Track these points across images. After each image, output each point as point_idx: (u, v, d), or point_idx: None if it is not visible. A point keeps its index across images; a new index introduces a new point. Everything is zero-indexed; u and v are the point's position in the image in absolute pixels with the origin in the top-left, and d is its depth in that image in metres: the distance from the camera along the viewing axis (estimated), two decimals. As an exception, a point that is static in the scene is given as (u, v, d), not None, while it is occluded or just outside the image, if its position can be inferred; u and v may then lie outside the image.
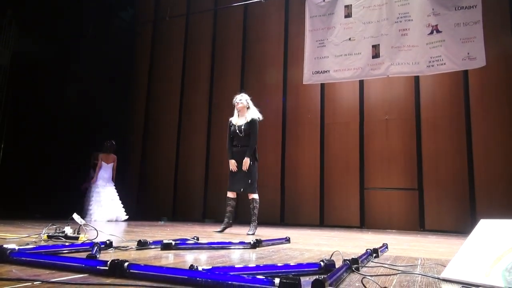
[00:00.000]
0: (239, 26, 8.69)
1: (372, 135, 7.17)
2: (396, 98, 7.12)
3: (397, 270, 1.85)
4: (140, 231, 4.43)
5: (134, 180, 9.00)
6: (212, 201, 8.23)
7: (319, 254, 2.51)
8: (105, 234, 2.96)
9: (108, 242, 2.32)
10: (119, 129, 9.01)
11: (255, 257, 2.33)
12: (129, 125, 9.38)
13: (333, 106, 7.59)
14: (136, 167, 9.08)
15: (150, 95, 9.38)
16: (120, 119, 9.23)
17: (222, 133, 8.42)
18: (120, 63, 9.41)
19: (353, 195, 7.07)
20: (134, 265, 1.49)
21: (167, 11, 9.11)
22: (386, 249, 2.83)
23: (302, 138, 7.71)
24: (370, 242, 3.68)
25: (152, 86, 9.41)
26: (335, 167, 7.33)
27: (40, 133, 7.58)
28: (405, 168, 6.83)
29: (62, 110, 8.04)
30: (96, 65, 8.67)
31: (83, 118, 8.22)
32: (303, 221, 7.32)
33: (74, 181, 7.89)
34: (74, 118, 8.20)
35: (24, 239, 2.73)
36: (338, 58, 6.89)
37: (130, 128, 9.36)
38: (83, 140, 8.12)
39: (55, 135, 7.84)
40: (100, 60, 8.75)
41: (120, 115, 9.25)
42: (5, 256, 1.69)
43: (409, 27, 6.54)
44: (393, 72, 6.52)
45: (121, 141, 9.17)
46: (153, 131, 9.20)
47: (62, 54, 8.12)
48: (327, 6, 7.23)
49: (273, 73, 8.16)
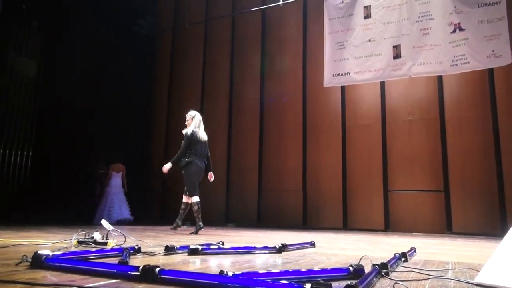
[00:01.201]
0: (257, 30, 8.72)
1: (395, 136, 7.07)
2: (419, 98, 7.00)
3: (428, 275, 1.81)
4: (165, 236, 4.48)
5: (157, 186, 9.12)
6: (234, 205, 8.27)
7: (345, 259, 2.49)
8: (132, 239, 3.01)
9: (137, 248, 2.36)
10: (140, 135, 9.19)
11: (281, 262, 2.33)
12: (150, 131, 9.53)
13: (354, 108, 7.52)
14: (158, 173, 9.18)
15: (171, 102, 9.51)
16: (141, 125, 9.41)
17: (243, 137, 8.48)
18: (141, 70, 9.62)
19: (376, 197, 6.97)
20: (165, 270, 1.51)
21: (186, 18, 9.22)
22: (414, 253, 2.78)
23: (323, 141, 7.67)
24: (396, 246, 3.62)
25: (172, 93, 9.54)
26: (357, 170, 7.25)
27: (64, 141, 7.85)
28: (430, 170, 6.69)
29: (85, 118, 8.28)
30: (117, 74, 8.89)
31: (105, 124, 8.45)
32: (326, 225, 7.26)
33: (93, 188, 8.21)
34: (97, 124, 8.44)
35: (56, 245, 2.80)
36: (358, 59, 6.83)
37: (151, 134, 9.51)
38: (105, 147, 8.37)
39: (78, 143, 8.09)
40: (121, 68, 8.97)
41: (141, 121, 9.43)
42: (40, 262, 1.75)
43: (430, 26, 6.42)
44: (415, 73, 6.41)
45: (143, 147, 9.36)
46: (174, 137, 9.30)
47: (84, 64, 8.34)
48: (346, 8, 7.17)
49: (292, 76, 8.16)
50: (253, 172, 8.19)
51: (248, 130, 8.41)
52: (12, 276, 1.53)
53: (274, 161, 8.05)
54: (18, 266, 1.76)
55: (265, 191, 8.06)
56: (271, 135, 8.21)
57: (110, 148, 8.33)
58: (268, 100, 8.37)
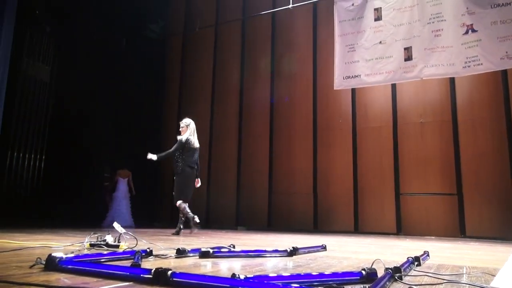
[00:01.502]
0: (267, 34, 8.74)
1: (407, 139, 7.00)
2: (431, 100, 6.93)
3: (442, 279, 1.78)
4: (176, 239, 4.50)
5: (168, 189, 9.15)
6: (245, 208, 8.27)
7: (357, 262, 2.47)
8: (144, 242, 3.02)
9: (149, 250, 2.37)
10: (151, 138, 9.25)
11: (292, 265, 2.32)
12: (161, 134, 9.58)
13: (365, 110, 7.47)
14: (169, 176, 9.23)
15: (181, 105, 9.56)
16: (152, 128, 9.48)
17: (253, 140, 8.49)
18: (151, 74, 9.71)
19: (388, 200, 6.91)
20: (177, 273, 1.51)
21: (196, 22, 9.28)
22: (427, 257, 2.75)
23: (334, 143, 7.63)
24: (409, 250, 3.58)
25: (183, 96, 9.59)
26: (368, 173, 7.20)
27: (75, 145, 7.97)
28: (443, 173, 6.61)
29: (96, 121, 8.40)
30: (128, 78, 8.99)
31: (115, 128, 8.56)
32: (337, 228, 7.22)
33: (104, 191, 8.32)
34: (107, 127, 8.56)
35: (68, 247, 2.83)
36: (369, 62, 6.79)
37: (162, 138, 9.56)
38: (115, 151, 8.48)
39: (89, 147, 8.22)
40: (132, 72, 9.07)
41: (152, 124, 9.51)
42: (54, 264, 1.76)
43: (442, 28, 6.37)
44: (427, 75, 6.35)
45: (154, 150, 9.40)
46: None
47: (96, 69, 8.45)
48: (356, 10, 7.15)
49: (303, 79, 8.15)
50: (264, 175, 8.19)
51: (259, 133, 8.41)
52: (27, 278, 1.55)
53: (285, 164, 8.04)
54: (32, 269, 1.78)
55: (275, 194, 8.05)
56: (281, 138, 8.20)
57: (120, 152, 8.41)
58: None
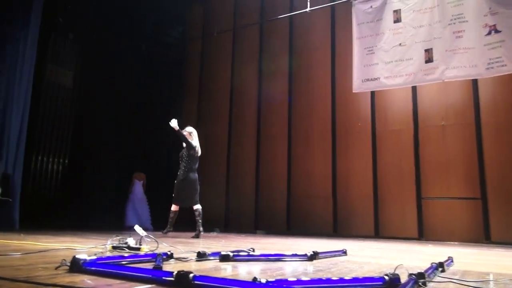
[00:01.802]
0: (285, 37, 8.74)
1: (428, 142, 6.87)
2: (453, 102, 6.79)
3: (468, 286, 1.74)
4: (196, 242, 4.53)
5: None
6: (263, 212, 8.26)
7: (379, 268, 2.43)
8: (165, 245, 3.05)
9: (169, 253, 2.39)
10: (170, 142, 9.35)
11: (313, 269, 2.30)
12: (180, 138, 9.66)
13: (385, 113, 7.38)
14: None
15: (200, 109, 9.64)
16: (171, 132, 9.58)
17: (271, 143, 8.48)
18: (171, 78, 9.86)
19: (409, 205, 6.79)
20: (199, 276, 1.52)
21: (214, 27, 9.36)
22: (451, 262, 2.69)
23: (353, 147, 7.55)
24: (432, 255, 3.51)
25: (202, 100, 9.66)
26: (389, 176, 7.09)
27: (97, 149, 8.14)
28: (466, 177, 6.45)
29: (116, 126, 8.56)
30: (148, 83, 9.15)
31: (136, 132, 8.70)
32: (356, 232, 7.13)
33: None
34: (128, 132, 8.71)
35: (91, 249, 2.88)
36: (388, 64, 6.71)
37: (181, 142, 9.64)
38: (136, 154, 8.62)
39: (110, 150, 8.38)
40: (151, 77, 9.23)
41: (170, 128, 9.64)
42: (79, 266, 1.80)
43: (464, 29, 6.23)
44: (449, 77, 6.22)
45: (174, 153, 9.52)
46: (204, 143, 9.40)
47: (116, 74, 8.63)
48: (375, 12, 7.08)
49: (321, 82, 8.11)
50: (282, 179, 8.16)
51: (277, 136, 8.40)
52: (53, 279, 1.58)
53: (303, 167, 7.99)
54: (57, 270, 1.82)
55: (294, 198, 8.01)
56: (299, 141, 8.16)
57: (140, 155, 8.56)
58: (297, 104, 8.34)
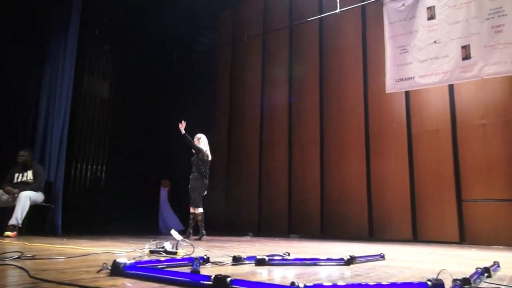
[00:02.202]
0: (315, 40, 8.68)
1: (467, 142, 6.61)
2: (493, 100, 6.49)
3: (518, 292, 1.65)
4: (231, 246, 4.55)
5: (220, 197, 9.31)
6: (297, 216, 8.20)
7: (420, 273, 2.35)
8: (200, 250, 3.09)
9: (206, 257, 2.41)
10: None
11: (350, 274, 2.25)
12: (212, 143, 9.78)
13: (420, 114, 7.16)
14: (221, 184, 9.39)
15: (232, 114, 9.73)
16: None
17: (303, 147, 8.42)
18: (203, 84, 10.02)
19: (449, 208, 6.53)
20: (237, 280, 1.52)
21: (244, 32, 9.44)
22: (498, 267, 2.55)
23: (388, 149, 7.37)
24: (476, 260, 3.36)
25: (233, 106, 9.74)
26: (426, 179, 6.86)
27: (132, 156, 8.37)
28: (510, 177, 6.14)
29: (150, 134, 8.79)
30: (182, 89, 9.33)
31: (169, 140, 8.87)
32: (393, 236, 6.93)
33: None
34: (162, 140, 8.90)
35: (130, 253, 2.95)
36: (423, 63, 6.52)
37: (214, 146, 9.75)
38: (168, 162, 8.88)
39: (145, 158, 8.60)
40: (184, 83, 9.42)
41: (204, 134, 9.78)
42: (119, 269, 1.85)
43: (503, 23, 5.96)
44: (488, 73, 5.96)
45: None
46: (236, 148, 9.49)
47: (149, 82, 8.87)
48: (407, 10, 6.91)
49: (353, 84, 7.98)
50: (315, 183, 8.08)
51: (309, 141, 8.33)
52: (96, 282, 1.63)
53: (336, 171, 7.88)
54: (99, 273, 1.87)
55: (327, 201, 7.91)
56: (332, 145, 8.06)
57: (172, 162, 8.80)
58: (328, 108, 8.25)
